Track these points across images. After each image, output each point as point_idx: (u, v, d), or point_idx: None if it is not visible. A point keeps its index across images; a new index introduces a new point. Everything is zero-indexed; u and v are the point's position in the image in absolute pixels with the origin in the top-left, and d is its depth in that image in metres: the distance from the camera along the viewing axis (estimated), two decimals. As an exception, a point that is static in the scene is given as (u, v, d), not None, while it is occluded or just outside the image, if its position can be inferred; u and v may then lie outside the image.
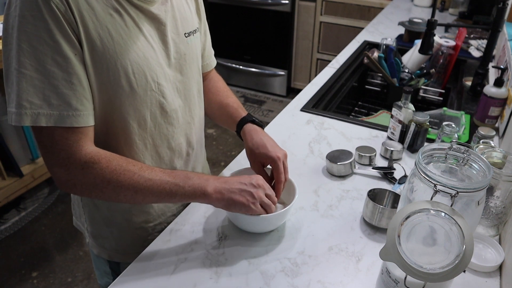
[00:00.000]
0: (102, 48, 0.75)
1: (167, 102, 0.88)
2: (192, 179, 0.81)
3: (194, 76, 0.96)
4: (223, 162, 2.83)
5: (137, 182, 0.77)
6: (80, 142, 0.75)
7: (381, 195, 0.99)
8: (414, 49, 1.76)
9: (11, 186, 2.23)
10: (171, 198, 0.80)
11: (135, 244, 0.96)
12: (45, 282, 1.97)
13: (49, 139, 0.74)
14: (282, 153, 0.94)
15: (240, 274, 0.82)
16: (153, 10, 0.82)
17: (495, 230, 0.94)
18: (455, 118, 1.37)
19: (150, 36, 0.82)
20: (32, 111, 0.70)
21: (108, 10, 0.75)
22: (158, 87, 0.85)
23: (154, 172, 0.79)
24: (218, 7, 3.49)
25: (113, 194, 0.78)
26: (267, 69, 3.59)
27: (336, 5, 3.19)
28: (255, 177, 0.86)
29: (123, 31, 0.77)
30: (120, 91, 0.79)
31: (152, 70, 0.83)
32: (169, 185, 0.79)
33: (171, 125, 0.91)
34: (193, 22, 0.94)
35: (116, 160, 0.78)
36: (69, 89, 0.72)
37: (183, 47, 0.90)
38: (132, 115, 0.83)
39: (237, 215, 0.87)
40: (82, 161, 0.75)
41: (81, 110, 0.74)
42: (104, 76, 0.77)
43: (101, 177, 0.76)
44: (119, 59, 0.77)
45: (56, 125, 0.72)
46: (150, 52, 0.82)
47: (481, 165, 0.69)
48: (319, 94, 1.55)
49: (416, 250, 0.63)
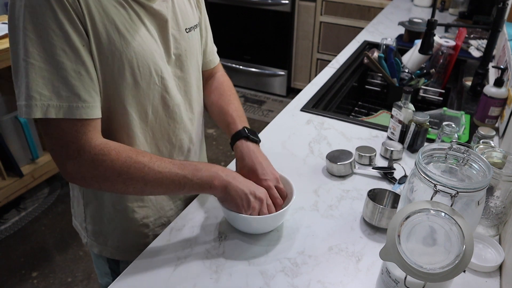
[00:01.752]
0: (108, 40, 0.74)
1: (169, 97, 0.88)
2: (201, 171, 0.82)
3: (193, 72, 0.96)
4: (223, 162, 2.83)
5: (147, 174, 0.78)
6: (89, 134, 0.75)
7: (381, 195, 0.99)
8: (414, 49, 1.76)
9: (11, 186, 2.23)
10: (180, 190, 0.82)
11: (137, 240, 0.96)
12: (45, 282, 1.97)
13: (58, 132, 0.73)
14: (273, 178, 0.92)
15: (240, 274, 0.82)
16: (155, 6, 0.82)
17: (495, 230, 0.94)
18: (455, 118, 1.37)
19: (153, 31, 0.82)
20: (42, 102, 0.70)
21: (113, 3, 0.75)
22: (162, 81, 0.85)
23: (164, 164, 0.80)
24: (218, 7, 3.49)
25: (122, 186, 0.79)
26: (267, 69, 3.59)
27: (336, 5, 3.19)
28: (261, 190, 0.87)
29: (128, 24, 0.77)
30: (124, 84, 0.79)
31: (157, 64, 0.83)
32: (178, 178, 0.80)
33: (173, 120, 0.91)
34: (194, 17, 0.94)
35: (126, 151, 0.78)
36: (78, 80, 0.72)
37: (184, 42, 0.90)
38: (134, 108, 0.83)
39: (234, 217, 0.87)
40: (92, 153, 0.75)
41: (89, 102, 0.74)
42: (109, 68, 0.77)
43: (111, 169, 0.76)
44: (124, 51, 0.77)
45: (65, 117, 0.71)
46: (154, 46, 0.82)
47: (481, 165, 0.69)
48: (319, 94, 1.55)
49: (416, 250, 0.63)
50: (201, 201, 1.01)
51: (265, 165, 0.93)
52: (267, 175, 0.92)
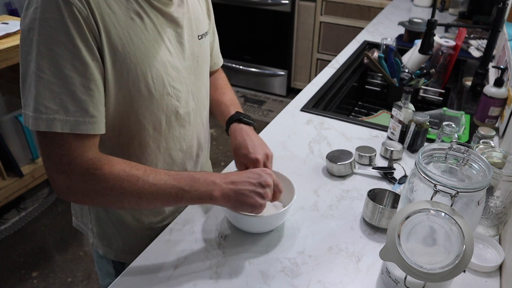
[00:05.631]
0: (123, 53, 0.74)
1: (181, 106, 0.88)
2: (198, 182, 0.79)
3: (204, 78, 0.96)
4: (223, 162, 2.83)
5: (142, 187, 0.75)
6: (84, 148, 0.73)
7: (381, 195, 0.99)
8: (414, 49, 1.76)
9: (11, 186, 2.23)
10: (177, 203, 0.79)
11: (143, 243, 0.95)
12: (45, 282, 1.97)
13: (52, 144, 0.71)
14: (263, 154, 0.91)
15: (240, 274, 0.82)
16: (172, 12, 0.82)
17: (495, 230, 0.94)
18: (455, 118, 1.37)
19: (168, 39, 0.82)
20: (47, 116, 0.69)
21: (130, 14, 0.74)
22: (174, 91, 0.85)
23: (159, 176, 0.77)
24: (218, 7, 3.49)
25: (116, 201, 0.76)
26: (267, 69, 3.59)
27: (336, 5, 3.19)
28: (263, 174, 0.83)
29: (143, 36, 0.77)
30: (138, 95, 0.79)
31: (169, 75, 0.83)
32: (175, 190, 0.77)
33: (183, 127, 0.91)
34: (205, 24, 0.95)
35: (119, 164, 0.75)
36: (86, 95, 0.71)
37: (196, 49, 0.90)
38: (148, 119, 0.83)
39: (235, 216, 0.87)
40: (84, 167, 0.72)
41: (97, 117, 0.73)
42: (123, 81, 0.76)
43: (103, 183, 0.73)
44: (139, 64, 0.77)
45: (71, 131, 0.70)
46: (167, 56, 0.82)
47: (481, 165, 0.69)
48: (319, 94, 1.55)
49: (416, 250, 0.63)
50: (201, 201, 1.01)
51: (256, 143, 0.93)
52: (258, 149, 0.91)
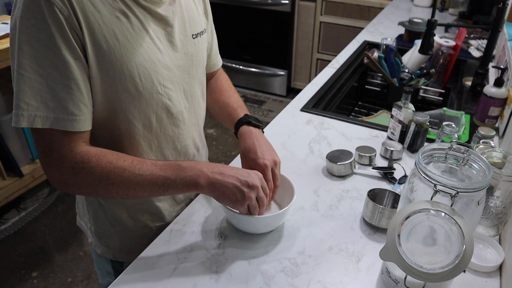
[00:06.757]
0: (108, 51, 0.74)
1: (173, 105, 0.88)
2: (184, 171, 0.79)
3: (199, 78, 0.96)
4: (223, 162, 2.84)
5: (128, 178, 0.77)
6: (72, 143, 0.75)
7: (381, 195, 0.99)
8: (414, 49, 1.76)
9: (11, 186, 2.23)
10: (164, 192, 0.80)
11: (140, 243, 0.96)
12: (45, 282, 1.97)
13: (44, 140, 0.74)
14: (271, 160, 0.90)
15: (240, 274, 0.82)
16: (160, 11, 0.81)
17: (495, 230, 0.94)
18: (455, 118, 1.37)
19: (157, 37, 0.82)
20: (29, 112, 0.71)
21: (115, 12, 0.74)
22: (164, 89, 0.85)
23: (145, 166, 0.78)
24: (218, 7, 3.49)
25: (105, 192, 0.79)
26: (267, 69, 3.59)
27: (336, 5, 3.19)
28: (253, 175, 0.82)
29: (129, 34, 0.77)
30: (126, 94, 0.79)
31: (159, 73, 0.83)
32: (161, 179, 0.78)
33: (177, 126, 0.91)
34: (200, 23, 0.94)
35: (107, 157, 0.77)
36: (66, 93, 0.72)
37: (190, 48, 0.90)
38: (137, 117, 0.83)
39: (235, 216, 0.87)
40: (73, 161, 0.75)
41: (77, 115, 0.74)
42: (109, 79, 0.77)
43: (91, 176, 0.76)
44: (125, 62, 0.76)
45: (52, 127, 0.72)
46: (157, 54, 0.82)
47: (481, 165, 0.69)
48: (319, 94, 1.55)
49: (416, 250, 0.63)
50: (201, 201, 1.01)
51: (265, 148, 0.93)
52: (267, 155, 0.91)
